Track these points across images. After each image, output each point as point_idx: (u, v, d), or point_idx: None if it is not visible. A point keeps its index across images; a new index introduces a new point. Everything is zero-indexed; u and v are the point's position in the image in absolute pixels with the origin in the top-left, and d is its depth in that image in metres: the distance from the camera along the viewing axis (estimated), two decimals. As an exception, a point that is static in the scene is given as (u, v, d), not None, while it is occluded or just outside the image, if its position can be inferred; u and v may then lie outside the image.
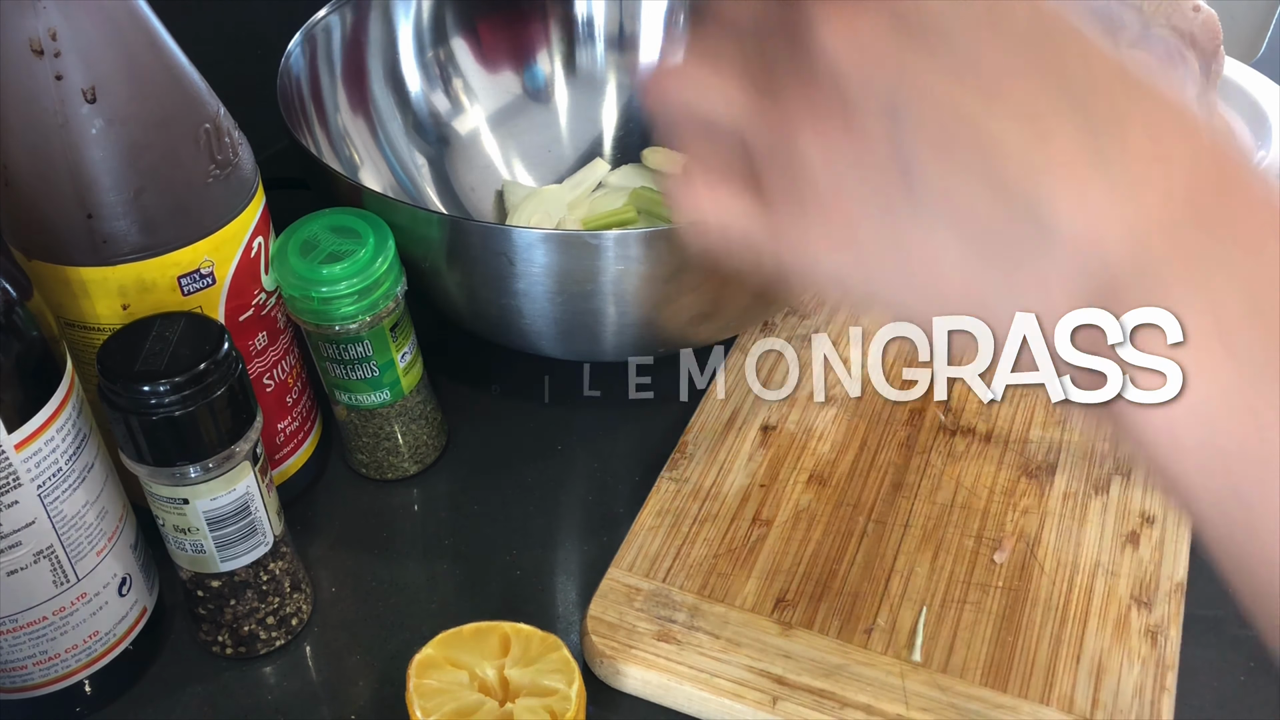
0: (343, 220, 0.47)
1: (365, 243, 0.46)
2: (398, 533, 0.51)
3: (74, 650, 0.42)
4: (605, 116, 0.71)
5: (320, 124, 0.60)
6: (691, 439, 0.53)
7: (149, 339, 0.38)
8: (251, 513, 0.42)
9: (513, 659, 0.37)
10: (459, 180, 0.67)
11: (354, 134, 0.63)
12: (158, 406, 0.37)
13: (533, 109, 0.70)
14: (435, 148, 0.67)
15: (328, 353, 0.48)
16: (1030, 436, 0.53)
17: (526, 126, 0.70)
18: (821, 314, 0.60)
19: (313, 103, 0.60)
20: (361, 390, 0.49)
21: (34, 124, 0.38)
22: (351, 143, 0.62)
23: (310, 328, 0.47)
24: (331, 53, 0.61)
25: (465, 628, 0.38)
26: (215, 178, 0.42)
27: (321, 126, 0.60)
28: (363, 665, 0.46)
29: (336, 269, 0.45)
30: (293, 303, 0.46)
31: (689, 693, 0.43)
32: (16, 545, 0.38)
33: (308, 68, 0.59)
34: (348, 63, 0.63)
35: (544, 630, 0.40)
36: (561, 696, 0.36)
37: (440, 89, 0.68)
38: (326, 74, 0.61)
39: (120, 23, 0.39)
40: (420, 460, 0.53)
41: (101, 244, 0.40)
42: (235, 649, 0.45)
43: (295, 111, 0.56)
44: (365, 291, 0.46)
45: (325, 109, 0.61)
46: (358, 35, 0.63)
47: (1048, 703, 0.42)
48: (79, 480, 0.39)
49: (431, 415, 0.53)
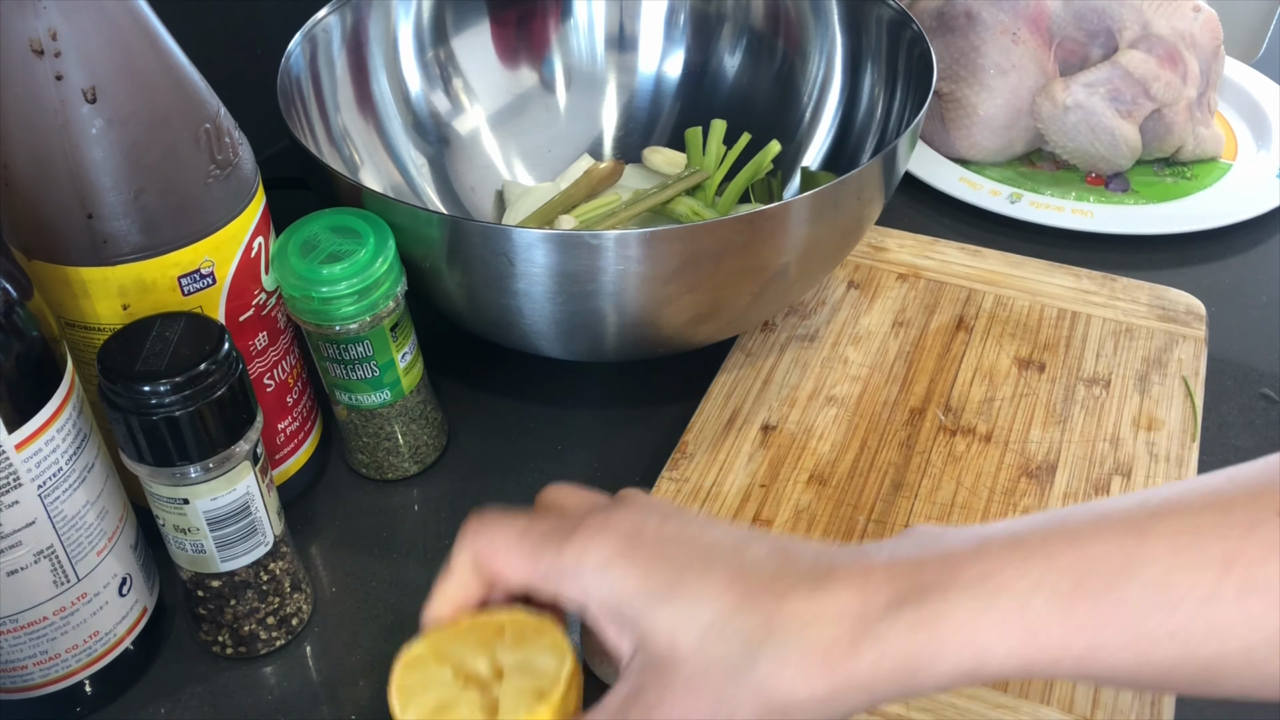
0: (343, 220, 0.47)
1: (365, 243, 0.46)
2: (398, 533, 0.51)
3: (74, 650, 0.42)
4: (605, 116, 0.71)
5: (321, 123, 0.60)
6: (691, 439, 0.53)
7: (149, 339, 0.38)
8: (252, 513, 0.42)
9: (505, 646, 0.37)
10: (459, 180, 0.67)
11: (354, 133, 0.63)
12: (158, 406, 0.37)
13: (533, 109, 0.70)
14: (435, 148, 0.67)
15: (328, 353, 0.48)
16: (1030, 436, 0.53)
17: (527, 126, 0.70)
18: (822, 313, 0.60)
19: (314, 102, 0.59)
20: (362, 390, 0.49)
21: (34, 124, 0.38)
22: (352, 142, 0.62)
23: (310, 328, 0.47)
24: (332, 52, 0.61)
25: (461, 621, 0.38)
26: (215, 178, 0.42)
27: (323, 126, 0.60)
28: (363, 665, 0.46)
29: (337, 269, 0.45)
30: (293, 303, 0.46)
31: (689, 692, 0.43)
32: (17, 545, 0.38)
33: (308, 67, 0.59)
34: (348, 62, 0.63)
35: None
36: (551, 677, 0.36)
37: (440, 88, 0.67)
38: (327, 73, 0.61)
39: (120, 23, 0.39)
40: (420, 460, 0.53)
41: (102, 244, 0.40)
42: (235, 649, 0.45)
43: (296, 111, 0.56)
44: (365, 292, 0.46)
45: (326, 108, 0.61)
46: (358, 35, 0.63)
47: (1048, 703, 0.42)
48: (79, 480, 0.39)
49: (431, 415, 0.53)
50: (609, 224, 0.61)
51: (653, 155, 0.68)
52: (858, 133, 0.65)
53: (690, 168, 0.65)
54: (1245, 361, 0.59)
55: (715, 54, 0.70)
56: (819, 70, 0.67)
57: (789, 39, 0.68)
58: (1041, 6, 0.72)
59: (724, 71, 0.70)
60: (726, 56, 0.70)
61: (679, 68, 0.71)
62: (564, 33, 0.71)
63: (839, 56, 0.66)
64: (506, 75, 0.70)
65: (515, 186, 0.68)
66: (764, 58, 0.69)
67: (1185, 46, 0.71)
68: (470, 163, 0.68)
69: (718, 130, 0.66)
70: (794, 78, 0.68)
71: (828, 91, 0.67)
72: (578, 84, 0.71)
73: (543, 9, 0.70)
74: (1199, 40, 0.72)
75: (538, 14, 0.70)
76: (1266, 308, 0.63)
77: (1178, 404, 0.54)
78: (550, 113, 0.70)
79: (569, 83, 0.71)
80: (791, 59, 0.68)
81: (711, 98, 0.70)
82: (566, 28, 0.70)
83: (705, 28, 0.70)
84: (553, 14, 0.70)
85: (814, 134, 0.67)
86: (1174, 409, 0.54)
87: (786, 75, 0.68)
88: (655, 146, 0.69)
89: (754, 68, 0.69)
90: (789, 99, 0.68)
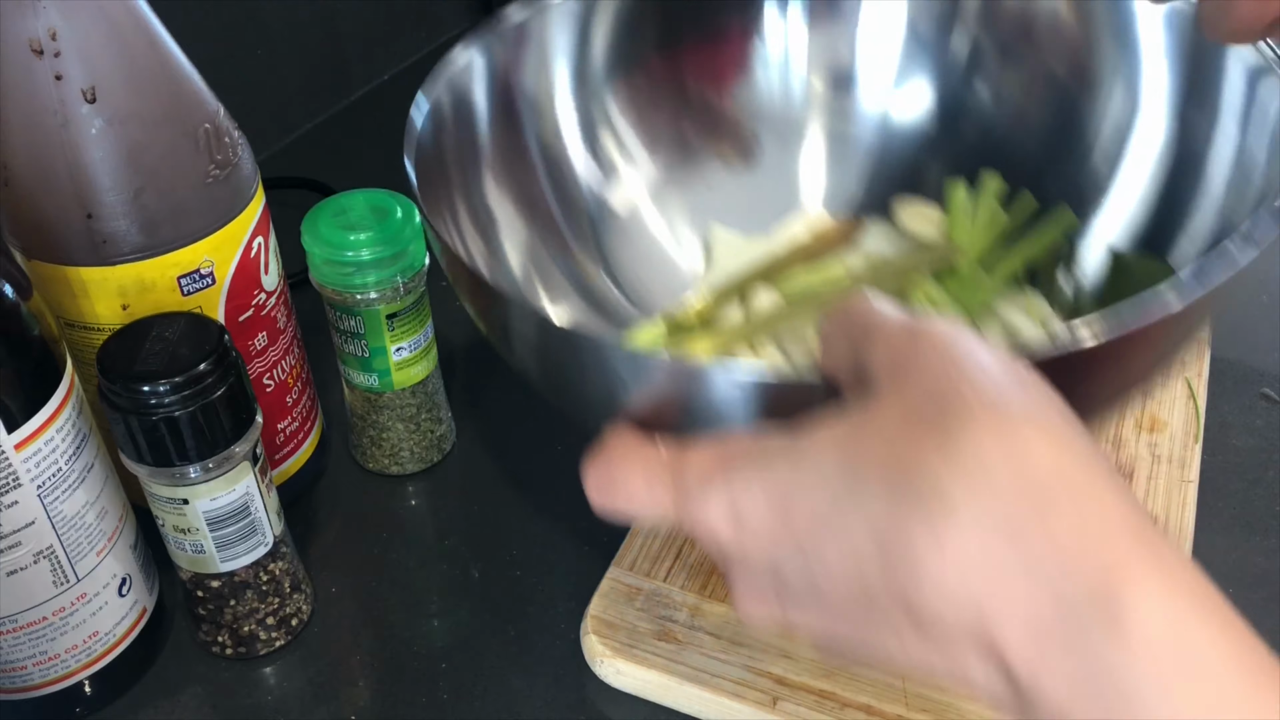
0: (383, 201, 0.48)
1: (382, 224, 0.46)
2: (398, 533, 0.51)
3: (74, 651, 0.42)
4: (827, 163, 0.56)
5: (463, 197, 0.48)
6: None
7: (149, 339, 0.38)
8: (251, 513, 0.42)
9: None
10: (629, 248, 0.54)
11: (495, 204, 0.49)
12: (157, 406, 0.37)
13: (723, 163, 0.56)
14: (596, 214, 0.54)
15: (331, 317, 0.49)
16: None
17: (716, 183, 0.56)
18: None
19: (456, 168, 0.47)
20: (352, 366, 0.50)
21: (34, 124, 0.38)
22: (491, 215, 0.49)
23: (316, 283, 0.48)
24: (473, 100, 0.48)
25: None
26: (215, 178, 0.42)
27: (464, 199, 0.47)
28: (363, 665, 0.46)
29: (350, 236, 0.46)
30: (311, 256, 0.47)
31: (689, 692, 0.43)
32: (16, 545, 0.38)
33: (453, 121, 0.47)
34: (494, 112, 0.49)
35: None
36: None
37: (606, 145, 0.54)
38: (467, 128, 0.48)
39: (120, 22, 0.38)
40: (423, 459, 0.53)
41: (101, 244, 0.40)
42: (235, 649, 0.45)
43: (433, 183, 0.44)
44: (363, 267, 0.46)
45: (467, 175, 0.48)
46: (508, 76, 0.50)
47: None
48: (79, 480, 0.39)
49: (438, 416, 0.53)
50: (819, 306, 0.47)
51: (906, 211, 0.52)
52: (1180, 203, 0.46)
53: (943, 236, 0.49)
54: (1246, 361, 0.59)
55: (966, 84, 0.54)
56: (1127, 114, 0.49)
57: (1077, 69, 0.51)
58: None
59: (979, 107, 0.53)
60: (982, 86, 0.53)
61: (923, 104, 0.54)
62: (758, 62, 0.56)
63: (1167, 100, 0.48)
64: (694, 123, 0.55)
65: (726, 239, 0.54)
66: (1039, 92, 0.52)
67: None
68: (633, 239, 0.54)
69: (991, 188, 0.50)
70: (1085, 120, 0.50)
71: (1139, 144, 0.49)
72: (778, 132, 0.56)
73: (737, 38, 0.55)
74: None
75: (730, 47, 0.55)
76: (1266, 308, 0.63)
77: (1180, 405, 0.54)
78: (752, 170, 0.56)
79: (768, 132, 0.56)
80: (1078, 98, 0.51)
81: (964, 139, 0.53)
82: (759, 57, 0.56)
83: (951, 52, 0.54)
84: (748, 46, 0.55)
85: (1116, 199, 0.49)
86: (1176, 410, 0.54)
87: (1070, 116, 0.51)
88: (910, 200, 0.53)
89: (1022, 105, 0.52)
90: (1073, 149, 0.50)
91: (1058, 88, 0.51)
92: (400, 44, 0.87)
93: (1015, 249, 0.47)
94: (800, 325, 0.47)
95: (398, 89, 0.85)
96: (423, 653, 0.46)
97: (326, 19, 0.79)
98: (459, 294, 0.42)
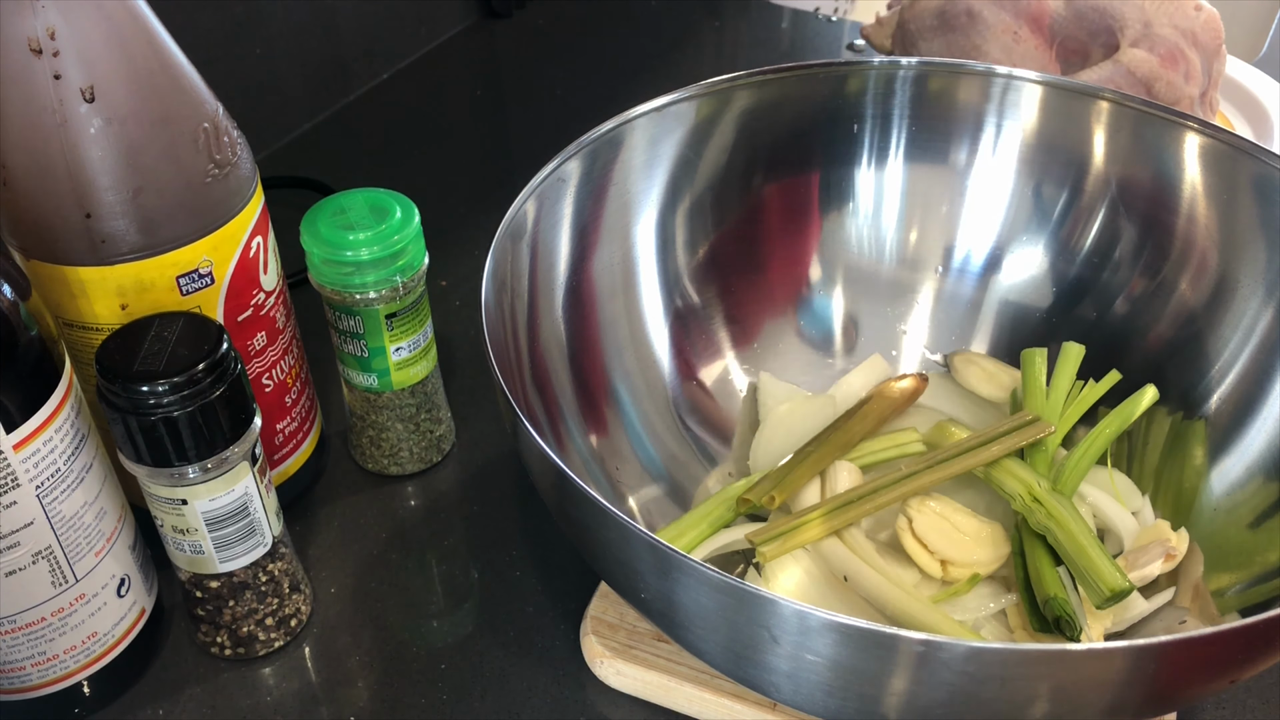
0: (383, 201, 0.48)
1: (380, 224, 0.46)
2: (398, 533, 0.51)
3: (72, 651, 0.42)
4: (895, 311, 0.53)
5: (527, 325, 0.45)
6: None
7: (147, 339, 0.38)
8: (250, 513, 0.42)
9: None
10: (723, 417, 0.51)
11: (548, 326, 0.47)
12: (156, 407, 0.37)
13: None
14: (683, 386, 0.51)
15: (330, 316, 0.49)
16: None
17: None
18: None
19: (526, 292, 0.45)
20: (351, 366, 0.50)
21: (32, 123, 0.38)
22: (545, 340, 0.46)
23: (315, 283, 0.48)
24: (559, 212, 0.46)
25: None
26: (214, 177, 0.42)
27: (527, 330, 0.45)
28: (363, 665, 0.46)
29: (348, 236, 0.46)
30: (310, 256, 0.47)
31: (689, 693, 0.43)
32: (15, 546, 0.38)
33: (531, 233, 0.45)
34: (574, 229, 0.48)
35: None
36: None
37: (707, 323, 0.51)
38: (547, 246, 0.46)
39: (119, 22, 0.38)
40: (422, 460, 0.53)
41: (100, 244, 0.40)
42: (234, 650, 0.45)
43: (502, 308, 0.40)
44: (362, 267, 0.46)
45: (539, 302, 0.46)
46: (598, 180, 0.48)
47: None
48: (77, 481, 0.39)
49: (438, 416, 0.53)
50: (906, 489, 0.42)
51: (967, 366, 0.49)
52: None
53: (1019, 405, 0.45)
54: (1247, 361, 0.59)
55: (1067, 253, 0.51)
56: (1252, 305, 0.46)
57: (1193, 257, 0.48)
58: (1042, 6, 0.72)
59: (1075, 275, 0.51)
60: (1082, 260, 0.51)
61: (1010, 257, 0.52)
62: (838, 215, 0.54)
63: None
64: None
65: (776, 389, 0.50)
66: (1154, 277, 0.49)
67: (1187, 45, 0.71)
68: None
69: (1071, 358, 0.46)
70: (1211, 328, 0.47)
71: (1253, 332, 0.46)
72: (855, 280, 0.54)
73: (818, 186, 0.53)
74: (1201, 39, 0.72)
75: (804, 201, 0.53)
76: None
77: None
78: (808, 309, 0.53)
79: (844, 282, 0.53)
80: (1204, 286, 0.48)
81: (1045, 303, 0.50)
82: (838, 212, 0.54)
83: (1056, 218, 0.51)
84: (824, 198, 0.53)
85: (1218, 380, 0.46)
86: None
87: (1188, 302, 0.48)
88: (971, 354, 0.50)
89: (1139, 290, 0.49)
90: (1189, 331, 0.47)
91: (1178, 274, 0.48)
92: (400, 44, 0.87)
93: (1102, 425, 0.44)
94: (883, 508, 0.42)
95: (397, 89, 0.85)
96: (422, 653, 0.46)
97: (326, 19, 0.79)
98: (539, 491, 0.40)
